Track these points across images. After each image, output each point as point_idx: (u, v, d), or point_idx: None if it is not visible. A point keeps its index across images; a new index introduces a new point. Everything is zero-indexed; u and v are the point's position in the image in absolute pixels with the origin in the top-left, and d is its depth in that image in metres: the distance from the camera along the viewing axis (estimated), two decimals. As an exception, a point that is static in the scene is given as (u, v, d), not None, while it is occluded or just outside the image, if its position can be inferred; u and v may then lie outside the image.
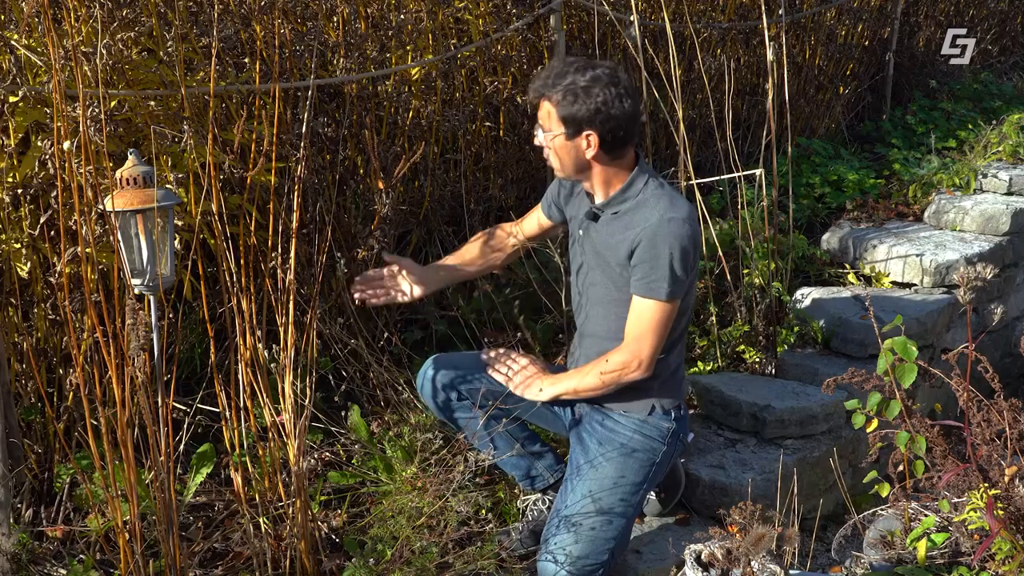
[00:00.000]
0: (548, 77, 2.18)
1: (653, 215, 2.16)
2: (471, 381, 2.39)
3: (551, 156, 2.24)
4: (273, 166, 2.42)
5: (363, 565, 2.17)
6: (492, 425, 2.36)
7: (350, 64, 2.88)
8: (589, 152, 2.19)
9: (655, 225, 2.14)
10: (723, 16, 4.17)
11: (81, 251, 2.04)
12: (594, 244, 2.27)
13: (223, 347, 2.66)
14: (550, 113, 2.18)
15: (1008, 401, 1.87)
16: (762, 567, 1.83)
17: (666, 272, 2.13)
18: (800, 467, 2.65)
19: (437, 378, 2.41)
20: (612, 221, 2.23)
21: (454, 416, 2.43)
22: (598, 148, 2.17)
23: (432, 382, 2.42)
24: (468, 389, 2.39)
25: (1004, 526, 1.78)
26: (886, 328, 2.08)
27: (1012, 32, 6.13)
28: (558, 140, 2.19)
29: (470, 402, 2.37)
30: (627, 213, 2.21)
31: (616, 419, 2.30)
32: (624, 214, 2.21)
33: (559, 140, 2.19)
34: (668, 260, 2.12)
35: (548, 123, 2.20)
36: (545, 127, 2.21)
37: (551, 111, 2.18)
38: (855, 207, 4.15)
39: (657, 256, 2.12)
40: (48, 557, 2.26)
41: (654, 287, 2.14)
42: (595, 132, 2.15)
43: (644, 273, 2.15)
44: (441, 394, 2.41)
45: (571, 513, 2.16)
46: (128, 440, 1.88)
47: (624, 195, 2.22)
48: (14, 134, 2.35)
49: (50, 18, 2.02)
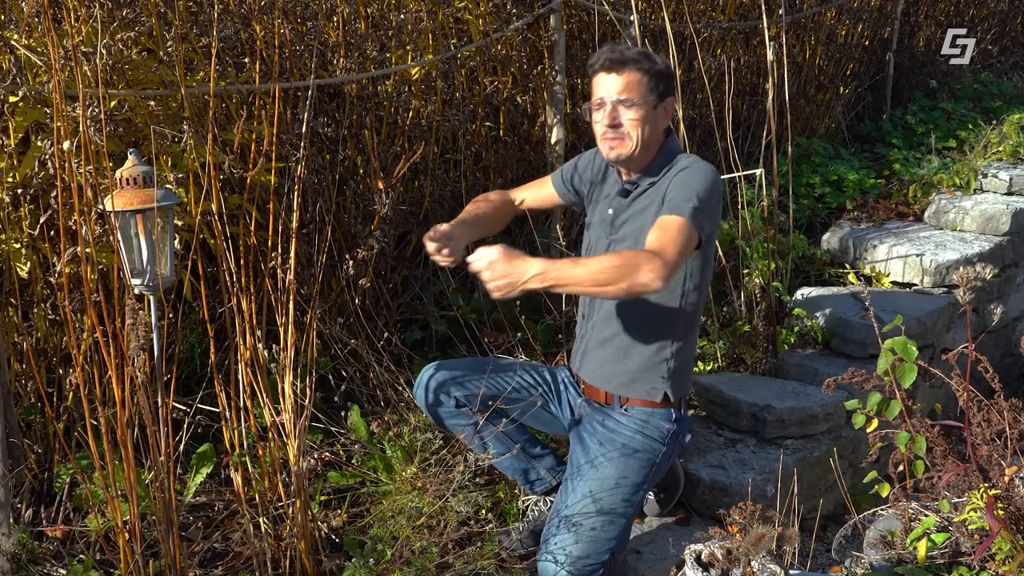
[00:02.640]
0: (621, 51, 2.19)
1: (682, 164, 2.21)
2: (468, 387, 2.39)
3: (633, 131, 2.20)
4: (273, 166, 2.42)
5: (363, 565, 2.17)
6: (490, 429, 2.35)
7: (350, 64, 2.88)
8: (665, 120, 2.24)
9: (684, 165, 2.20)
10: (723, 16, 4.17)
11: (81, 251, 2.04)
12: (630, 222, 2.27)
13: (223, 347, 2.66)
14: (639, 81, 2.17)
15: (1008, 401, 1.87)
16: (762, 567, 1.83)
17: (693, 195, 2.12)
18: (800, 467, 2.65)
19: (433, 386, 2.40)
20: (646, 195, 2.25)
21: (452, 423, 2.42)
22: (669, 115, 2.23)
23: (429, 390, 2.41)
24: (465, 396, 2.38)
25: (1004, 526, 1.77)
26: (886, 328, 2.08)
27: (1012, 32, 6.13)
28: (646, 110, 2.19)
29: (468, 409, 2.37)
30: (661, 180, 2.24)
31: (617, 419, 2.30)
32: (659, 182, 2.24)
33: (647, 110, 2.19)
34: (695, 188, 2.13)
35: (637, 93, 2.18)
36: (635, 98, 2.17)
37: (640, 79, 2.17)
38: (855, 207, 4.15)
39: (687, 186, 2.14)
40: (48, 557, 2.26)
41: (680, 205, 2.11)
42: (672, 96, 2.22)
43: (671, 198, 2.15)
44: (438, 402, 2.40)
45: (571, 513, 2.16)
46: (128, 440, 1.88)
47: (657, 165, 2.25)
48: (14, 134, 2.35)
49: (50, 18, 2.02)
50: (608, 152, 2.23)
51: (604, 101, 2.20)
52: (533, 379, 2.46)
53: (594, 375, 2.36)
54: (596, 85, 2.24)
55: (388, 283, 3.14)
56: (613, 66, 2.19)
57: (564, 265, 2.00)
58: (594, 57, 2.24)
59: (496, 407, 2.33)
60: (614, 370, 2.31)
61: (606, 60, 2.20)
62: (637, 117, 2.19)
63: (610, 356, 2.31)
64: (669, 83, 2.23)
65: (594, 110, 2.25)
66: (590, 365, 2.37)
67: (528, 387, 2.44)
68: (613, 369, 2.31)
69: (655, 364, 2.27)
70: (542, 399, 2.44)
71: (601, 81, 2.22)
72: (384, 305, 3.10)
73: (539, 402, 2.42)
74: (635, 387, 2.29)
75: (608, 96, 2.19)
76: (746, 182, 3.42)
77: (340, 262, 2.90)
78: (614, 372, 2.31)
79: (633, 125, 2.19)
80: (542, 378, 2.47)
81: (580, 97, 3.75)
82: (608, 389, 2.33)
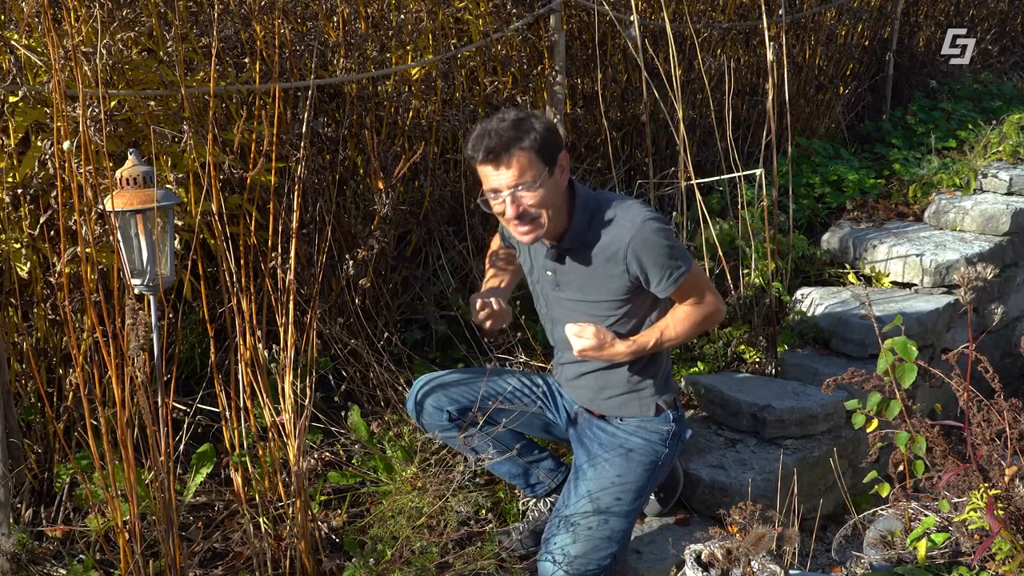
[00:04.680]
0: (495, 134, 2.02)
1: (626, 228, 2.10)
2: (461, 401, 2.38)
3: (543, 212, 2.07)
4: (273, 166, 2.42)
5: (363, 565, 2.17)
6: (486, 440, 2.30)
7: (350, 64, 2.88)
8: (565, 177, 2.12)
9: (637, 235, 2.09)
10: (723, 16, 4.17)
11: (81, 251, 2.04)
12: (576, 278, 2.21)
13: (223, 347, 2.66)
14: (529, 161, 2.02)
15: (1008, 401, 1.87)
16: (762, 567, 1.83)
17: (670, 257, 2.11)
18: (800, 467, 2.65)
19: (426, 402, 2.40)
20: (583, 251, 2.17)
21: (447, 436, 2.40)
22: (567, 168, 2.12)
23: (422, 406, 2.40)
24: (459, 409, 2.37)
25: (1004, 526, 1.77)
26: (886, 328, 2.08)
27: (1012, 32, 6.13)
28: (546, 186, 2.06)
29: (461, 421, 2.36)
30: (597, 239, 2.14)
31: (616, 425, 2.30)
32: (593, 240, 2.15)
33: (547, 185, 2.06)
34: (668, 249, 2.11)
35: (531, 174, 2.03)
36: (530, 180, 2.03)
37: (528, 158, 2.02)
38: (855, 207, 4.15)
39: (660, 254, 2.11)
40: (48, 557, 2.25)
41: (676, 275, 2.12)
42: (563, 149, 2.10)
43: (661, 277, 2.13)
44: (432, 418, 2.40)
45: (572, 514, 2.16)
46: (128, 440, 1.87)
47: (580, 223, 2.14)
48: (14, 134, 2.35)
49: (50, 18, 2.02)
50: (525, 240, 2.12)
51: (499, 191, 2.05)
52: (527, 386, 2.45)
53: (582, 401, 2.37)
54: (483, 175, 2.07)
55: (388, 283, 3.14)
56: (496, 157, 2.01)
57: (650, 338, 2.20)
58: (470, 145, 2.06)
59: (491, 416, 2.31)
60: (600, 401, 2.33)
61: (485, 151, 2.01)
62: (540, 197, 2.05)
63: (592, 390, 2.32)
64: (556, 139, 2.08)
65: (491, 200, 2.09)
66: (574, 394, 2.38)
67: (523, 395, 2.44)
68: (598, 399, 2.33)
69: (638, 386, 2.28)
70: (538, 405, 2.43)
71: (488, 172, 2.05)
72: (384, 305, 3.10)
73: (534, 408, 2.41)
74: (626, 408, 2.31)
75: (501, 186, 2.04)
76: (746, 182, 3.42)
77: (340, 262, 2.90)
78: (600, 402, 2.33)
79: (539, 206, 2.06)
80: (536, 384, 2.47)
81: (580, 97, 3.75)
82: (600, 412, 2.34)
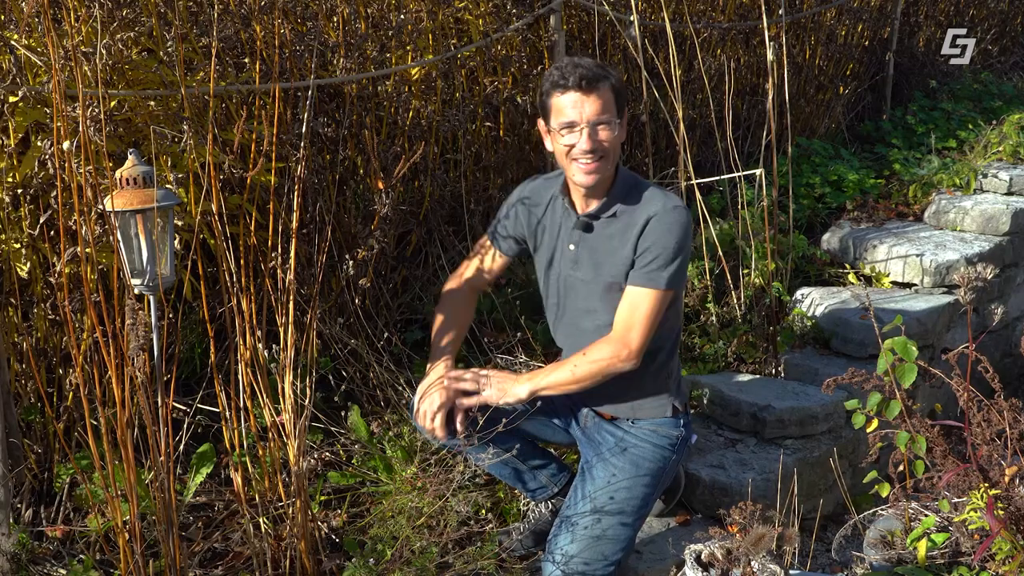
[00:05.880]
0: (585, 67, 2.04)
1: (655, 206, 2.11)
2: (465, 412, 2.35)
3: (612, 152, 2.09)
4: (273, 166, 2.42)
5: (363, 565, 2.17)
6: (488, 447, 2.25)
7: (350, 64, 2.88)
8: (623, 135, 2.14)
9: (661, 214, 2.09)
10: (723, 16, 4.17)
11: (81, 251, 2.04)
12: (592, 254, 2.20)
13: (223, 347, 2.65)
14: (612, 100, 2.06)
15: (1008, 401, 1.87)
16: (762, 567, 1.83)
17: (670, 261, 2.09)
18: (800, 467, 2.65)
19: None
20: (610, 224, 2.18)
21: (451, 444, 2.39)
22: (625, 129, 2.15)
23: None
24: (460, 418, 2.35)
25: (1004, 526, 1.77)
26: (886, 328, 2.08)
27: (1012, 32, 6.13)
28: (620, 129, 2.09)
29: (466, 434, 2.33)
30: (626, 212, 2.16)
31: (626, 430, 2.29)
32: (623, 214, 2.16)
33: (620, 129, 2.09)
34: (674, 249, 2.09)
35: (612, 112, 2.06)
36: (611, 117, 2.06)
37: (612, 97, 2.06)
38: (855, 207, 4.15)
39: (665, 246, 2.09)
40: (48, 557, 2.26)
41: (655, 276, 2.10)
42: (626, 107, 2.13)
43: (647, 262, 2.10)
44: None
45: (575, 516, 2.16)
46: (128, 440, 1.87)
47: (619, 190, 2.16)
48: (14, 134, 2.35)
49: (50, 18, 2.02)
50: (584, 178, 2.10)
51: (577, 123, 2.06)
52: None
53: (592, 403, 2.35)
54: (562, 105, 2.07)
55: (388, 283, 3.14)
56: (588, 85, 2.04)
57: (545, 375, 2.17)
58: (556, 73, 2.07)
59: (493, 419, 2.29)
60: (617, 405, 2.31)
61: (579, 79, 2.03)
62: (613, 138, 2.08)
63: (610, 393, 2.27)
64: (626, 93, 2.13)
65: (561, 133, 2.09)
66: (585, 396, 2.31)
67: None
68: (615, 403, 2.31)
69: (657, 388, 2.27)
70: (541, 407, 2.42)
71: (570, 100, 2.06)
72: (384, 305, 3.10)
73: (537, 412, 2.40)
74: (642, 409, 2.29)
75: (583, 118, 2.05)
76: (746, 182, 3.42)
77: (340, 262, 2.90)
78: (617, 406, 2.31)
79: (611, 146, 2.08)
80: None
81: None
82: (616, 415, 2.32)
